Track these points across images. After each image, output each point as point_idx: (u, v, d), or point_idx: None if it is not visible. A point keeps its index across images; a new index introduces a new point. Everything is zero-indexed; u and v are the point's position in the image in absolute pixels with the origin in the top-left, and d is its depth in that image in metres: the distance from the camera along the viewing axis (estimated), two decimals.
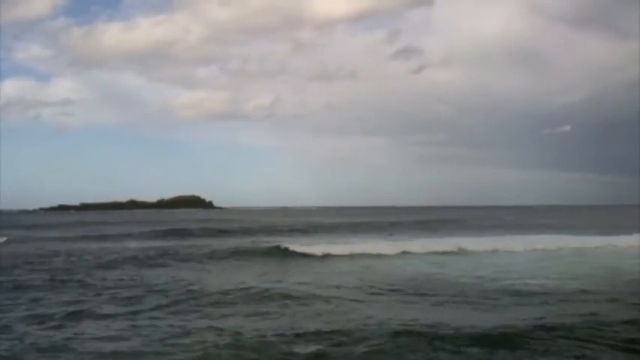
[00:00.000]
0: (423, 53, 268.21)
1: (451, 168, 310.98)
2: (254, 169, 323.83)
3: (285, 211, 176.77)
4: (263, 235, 47.63)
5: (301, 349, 11.23)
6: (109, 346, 11.70)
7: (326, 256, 28.55)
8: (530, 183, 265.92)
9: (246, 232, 52.23)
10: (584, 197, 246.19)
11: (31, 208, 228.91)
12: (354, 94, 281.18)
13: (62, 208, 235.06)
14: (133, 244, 38.54)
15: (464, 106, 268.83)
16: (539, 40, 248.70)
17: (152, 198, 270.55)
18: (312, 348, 11.28)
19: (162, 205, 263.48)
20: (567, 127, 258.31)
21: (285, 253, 29.75)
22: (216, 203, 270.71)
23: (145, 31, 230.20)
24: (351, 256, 28.62)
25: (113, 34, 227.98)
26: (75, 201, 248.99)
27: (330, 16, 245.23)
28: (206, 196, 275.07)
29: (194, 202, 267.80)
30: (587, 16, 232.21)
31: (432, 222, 69.45)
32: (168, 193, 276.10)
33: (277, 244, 32.93)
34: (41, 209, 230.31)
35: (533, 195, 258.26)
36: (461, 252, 30.32)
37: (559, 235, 39.08)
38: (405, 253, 29.93)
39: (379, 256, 28.94)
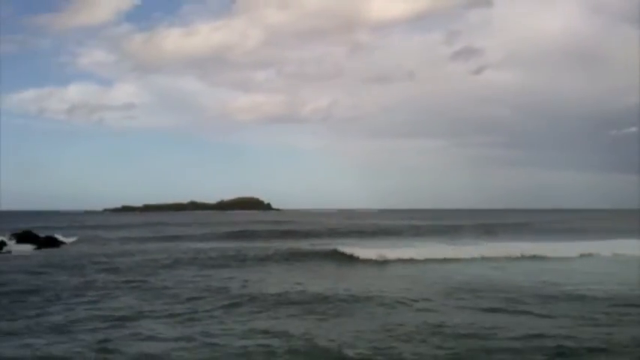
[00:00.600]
0: (482, 54, 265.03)
1: (508, 170, 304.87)
2: (311, 172, 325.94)
3: (343, 213, 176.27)
4: (322, 237, 47.74)
5: (355, 353, 11.22)
6: (164, 347, 11.94)
7: (385, 261, 28.30)
8: (590, 185, 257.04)
9: (306, 234, 52.34)
10: None
11: (96, 209, 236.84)
12: (410, 95, 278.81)
13: (126, 209, 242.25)
14: (195, 245, 39.34)
15: (523, 108, 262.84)
16: (601, 40, 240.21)
17: (212, 199, 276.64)
18: (365, 352, 11.27)
19: (222, 206, 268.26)
20: (634, 129, 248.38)
21: (343, 257, 29.64)
22: (274, 205, 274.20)
23: (204, 36, 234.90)
24: (411, 261, 28.19)
25: (174, 40, 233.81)
26: (138, 202, 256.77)
27: (387, 17, 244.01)
28: (264, 198, 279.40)
29: (253, 204, 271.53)
30: None
31: (493, 225, 67.79)
32: (228, 195, 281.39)
33: (336, 247, 32.93)
34: (106, 210, 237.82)
35: (593, 198, 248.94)
36: (525, 256, 29.49)
37: (629, 239, 37.41)
38: (468, 258, 29.13)
39: (440, 260, 28.41)
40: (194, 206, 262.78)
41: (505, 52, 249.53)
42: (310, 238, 47.55)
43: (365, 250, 30.24)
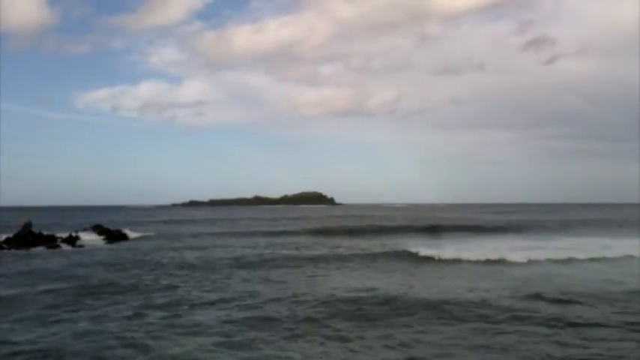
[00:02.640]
0: (555, 43, 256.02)
1: (585, 163, 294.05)
2: (376, 166, 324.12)
3: (410, 208, 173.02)
4: (391, 235, 45.99)
5: None
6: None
7: (457, 261, 26.73)
8: None
9: (376, 231, 50.10)
10: None
11: (166, 204, 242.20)
12: (480, 87, 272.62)
13: (193, 204, 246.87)
14: (260, 242, 38.89)
15: (599, 98, 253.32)
16: None
17: (276, 194, 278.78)
18: None
19: (285, 201, 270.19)
20: None
21: (416, 258, 28.13)
22: (337, 200, 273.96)
23: (272, 31, 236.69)
24: (486, 262, 26.31)
25: (243, 36, 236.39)
26: (204, 197, 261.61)
27: (457, 8, 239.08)
28: (327, 193, 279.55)
29: (316, 199, 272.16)
30: None
31: (571, 222, 64.40)
32: (292, 190, 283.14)
33: (408, 246, 31.50)
34: (174, 205, 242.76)
35: None
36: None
37: None
38: (545, 260, 26.91)
39: (514, 263, 26.15)
40: (258, 201, 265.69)
41: (579, 42, 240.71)
42: (380, 235, 46.01)
43: (441, 251, 28.74)
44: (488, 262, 26.33)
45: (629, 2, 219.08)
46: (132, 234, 45.33)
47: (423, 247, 30.54)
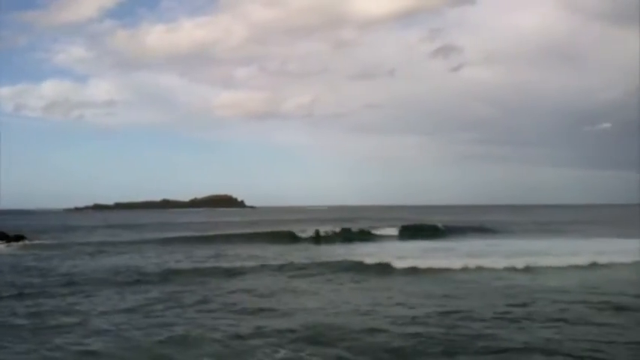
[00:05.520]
0: (462, 51, 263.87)
1: (490, 166, 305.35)
2: (291, 168, 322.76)
3: (324, 210, 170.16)
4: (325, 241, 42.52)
5: None
6: None
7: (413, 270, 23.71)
8: (570, 181, 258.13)
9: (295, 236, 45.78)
10: (621, 196, 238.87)
11: (69, 206, 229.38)
12: (393, 92, 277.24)
13: (97, 208, 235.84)
14: (154, 251, 34.90)
15: (503, 105, 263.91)
16: (578, 38, 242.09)
17: (185, 197, 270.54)
18: None
19: (195, 204, 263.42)
20: (607, 125, 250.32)
21: (361, 267, 24.89)
22: (248, 203, 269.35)
23: (187, 32, 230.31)
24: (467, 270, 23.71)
25: (157, 36, 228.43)
26: (110, 200, 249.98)
27: (372, 15, 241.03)
28: (238, 195, 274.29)
29: (226, 202, 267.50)
30: (625, 13, 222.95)
31: (491, 223, 63.30)
32: (202, 193, 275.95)
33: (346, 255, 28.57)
34: (77, 208, 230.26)
35: (569, 193, 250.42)
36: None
37: None
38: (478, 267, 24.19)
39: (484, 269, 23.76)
40: (166, 204, 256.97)
41: (484, 50, 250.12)
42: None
43: (400, 261, 25.50)
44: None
45: (530, 14, 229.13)
46: (31, 241, 43.02)
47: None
